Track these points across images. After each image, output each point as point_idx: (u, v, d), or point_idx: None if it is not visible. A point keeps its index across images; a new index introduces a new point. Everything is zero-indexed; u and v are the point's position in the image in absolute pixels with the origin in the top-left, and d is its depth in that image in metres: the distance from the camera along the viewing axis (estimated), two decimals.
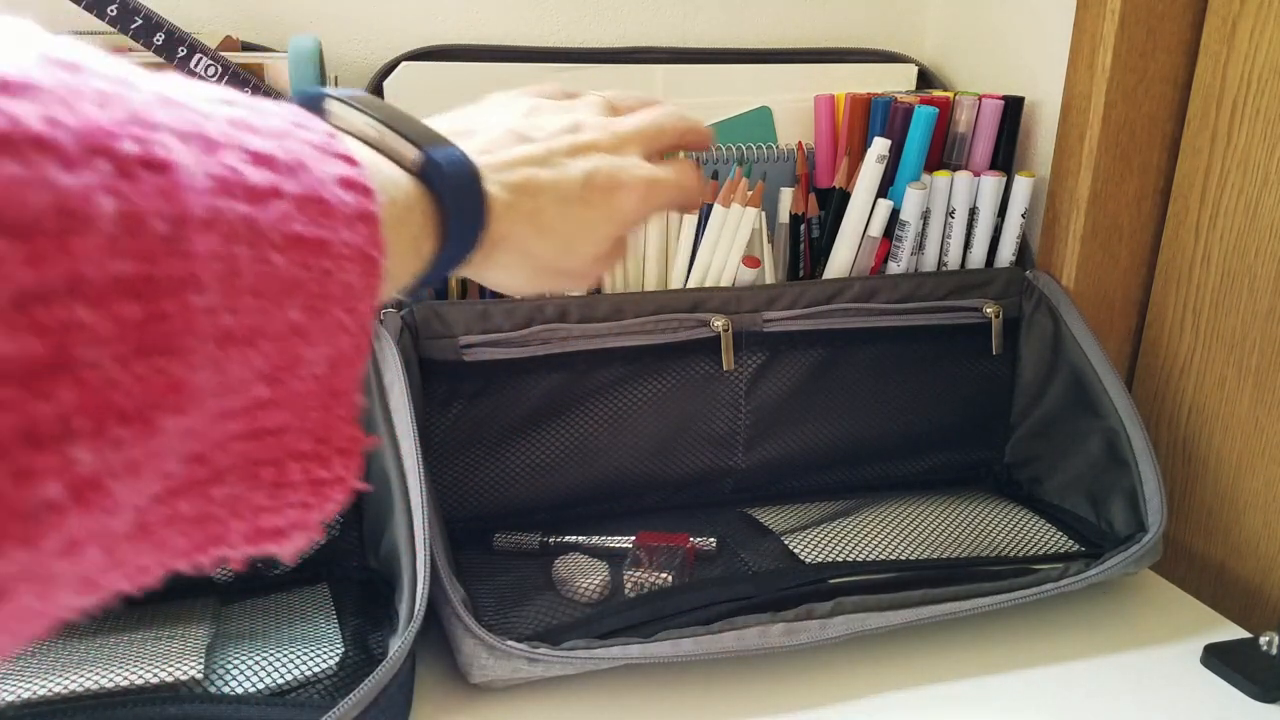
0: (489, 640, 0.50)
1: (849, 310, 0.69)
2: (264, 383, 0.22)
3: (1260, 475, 0.66)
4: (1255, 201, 0.65)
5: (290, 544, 0.26)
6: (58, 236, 0.17)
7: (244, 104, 0.24)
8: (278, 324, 0.22)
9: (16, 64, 0.17)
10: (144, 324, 0.18)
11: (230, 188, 0.21)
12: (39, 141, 0.17)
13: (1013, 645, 0.59)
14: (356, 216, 0.24)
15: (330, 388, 0.25)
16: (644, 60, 0.75)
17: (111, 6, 0.59)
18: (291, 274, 0.22)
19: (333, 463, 0.26)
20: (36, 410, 0.17)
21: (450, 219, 0.35)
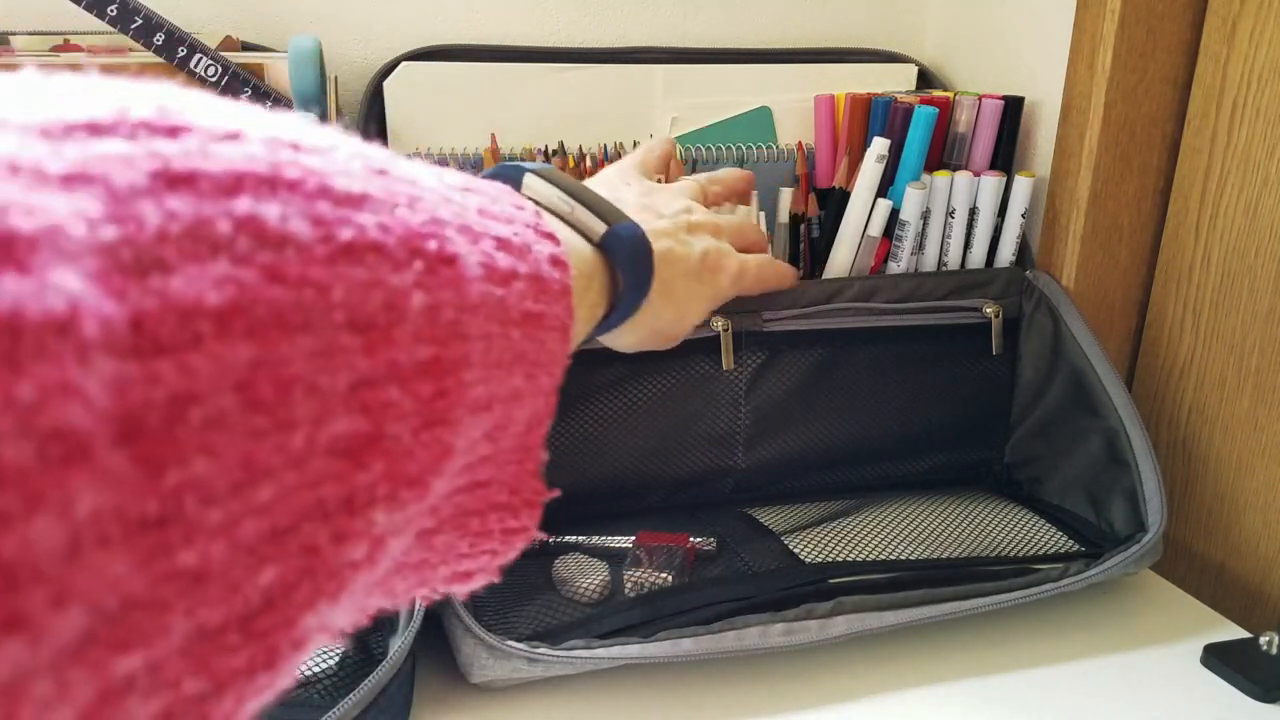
0: (489, 640, 0.50)
1: (849, 310, 0.69)
2: (487, 441, 0.25)
3: (1260, 475, 0.66)
4: (1255, 201, 0.65)
5: (473, 585, 0.28)
6: (385, 329, 0.19)
7: (479, 189, 0.26)
8: (506, 390, 0.24)
9: (353, 176, 0.20)
10: (433, 399, 0.21)
11: (491, 274, 0.23)
12: (377, 247, 0.19)
13: (1013, 645, 0.59)
14: (561, 291, 0.27)
15: (525, 444, 0.27)
16: (644, 60, 0.75)
17: (111, 6, 0.59)
18: (522, 347, 0.25)
19: (521, 513, 0.28)
20: (356, 480, 0.19)
21: (624, 288, 0.39)
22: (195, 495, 0.16)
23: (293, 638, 0.18)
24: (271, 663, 0.18)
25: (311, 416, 0.18)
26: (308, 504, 0.18)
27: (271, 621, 0.18)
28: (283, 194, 0.18)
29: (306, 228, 0.18)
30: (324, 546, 0.18)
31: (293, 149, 0.19)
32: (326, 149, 0.20)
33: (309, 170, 0.19)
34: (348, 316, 0.18)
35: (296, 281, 0.17)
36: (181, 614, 0.16)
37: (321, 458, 0.18)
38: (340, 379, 0.18)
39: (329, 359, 0.18)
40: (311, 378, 0.18)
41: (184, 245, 0.16)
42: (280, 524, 0.17)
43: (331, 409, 0.18)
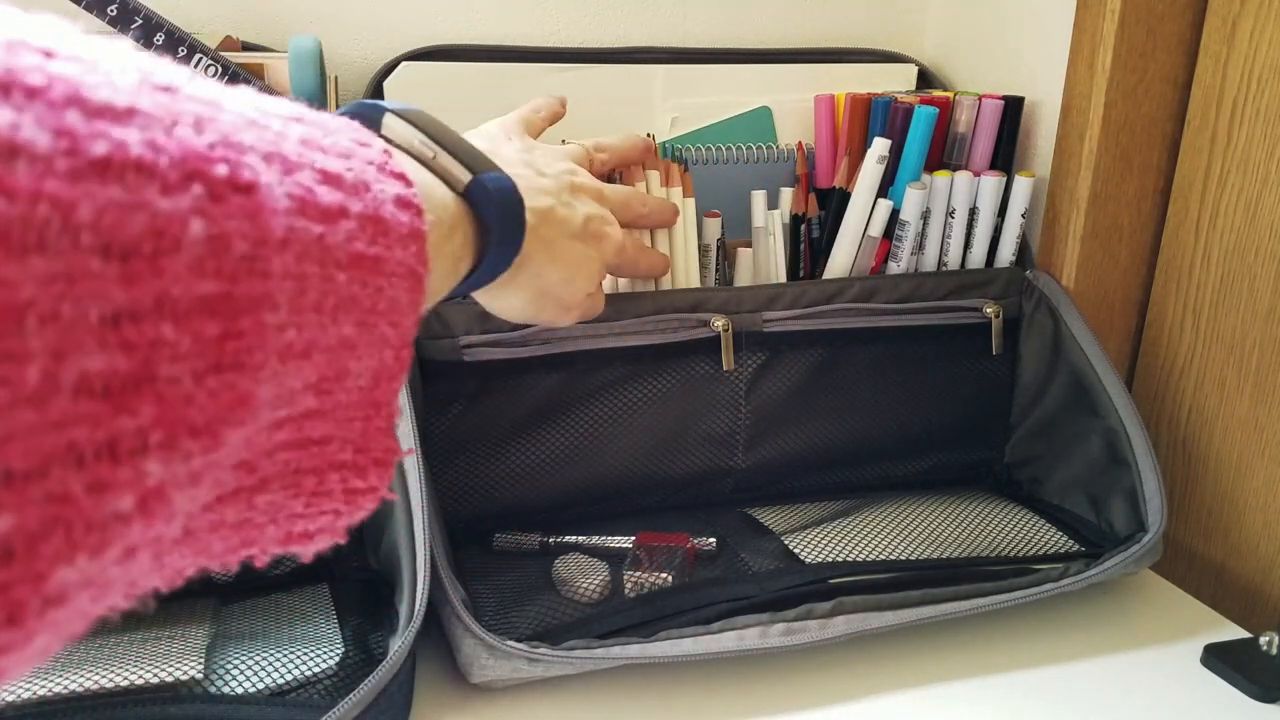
0: (489, 640, 0.50)
1: (849, 310, 0.69)
2: (312, 394, 0.23)
3: (1260, 475, 0.66)
4: (1255, 201, 0.65)
5: (315, 547, 0.26)
6: (151, 258, 0.17)
7: (312, 120, 0.24)
8: (331, 338, 0.23)
9: (119, 88, 0.18)
10: (221, 341, 0.19)
11: (305, 208, 0.21)
12: (140, 166, 0.17)
13: (1013, 645, 0.59)
14: (409, 235, 0.25)
15: (372, 399, 0.25)
16: (644, 60, 0.75)
17: (111, 6, 0.59)
18: (350, 291, 0.23)
19: (369, 472, 0.26)
20: (119, 425, 0.17)
21: (492, 240, 0.37)
22: None
23: (44, 592, 0.17)
24: (15, 618, 0.16)
25: (50, 349, 0.16)
26: (53, 447, 0.16)
27: (11, 574, 0.16)
28: (16, 99, 0.16)
29: (45, 138, 0.16)
30: (79, 495, 0.17)
31: (43, 54, 0.17)
32: (91, 59, 0.18)
33: (58, 77, 0.17)
34: (98, 240, 0.16)
35: (28, 196, 0.15)
36: None
37: (68, 396, 0.16)
38: (90, 309, 0.16)
39: (73, 286, 0.16)
40: (49, 305, 0.16)
41: None
42: (16, 467, 0.16)
43: (79, 342, 0.16)
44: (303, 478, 0.24)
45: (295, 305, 0.21)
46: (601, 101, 0.73)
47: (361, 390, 0.25)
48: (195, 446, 0.19)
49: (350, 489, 0.26)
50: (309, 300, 0.21)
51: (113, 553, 0.18)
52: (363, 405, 0.25)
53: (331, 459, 0.25)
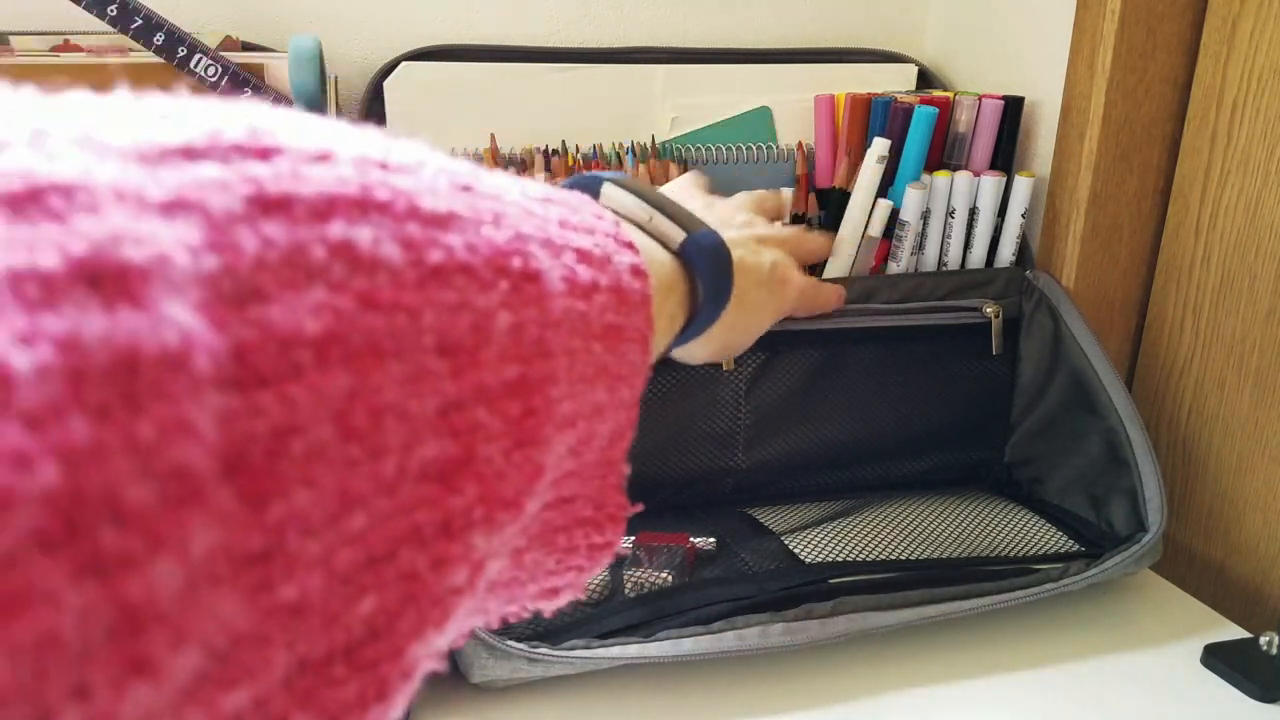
0: (489, 640, 0.50)
1: (848, 310, 0.69)
2: (571, 457, 0.24)
3: (1260, 475, 0.66)
4: (1255, 201, 0.65)
5: (560, 602, 0.27)
6: (472, 351, 0.19)
7: (559, 200, 0.26)
8: (588, 405, 0.24)
9: (439, 194, 0.19)
10: (522, 419, 0.20)
11: (573, 288, 0.23)
12: (465, 269, 0.19)
13: (1013, 645, 0.59)
14: (641, 301, 0.26)
15: (608, 458, 0.27)
16: (644, 60, 0.75)
17: (111, 6, 0.59)
18: (603, 360, 0.24)
19: (605, 528, 0.27)
20: (450, 504, 0.18)
21: (705, 297, 0.38)
22: (296, 527, 0.15)
23: (402, 667, 0.18)
24: (383, 694, 0.18)
25: (402, 443, 0.17)
26: (403, 530, 0.18)
27: (378, 652, 0.18)
28: (374, 216, 0.17)
29: (397, 251, 0.17)
30: (424, 573, 0.18)
31: (381, 169, 0.18)
32: (414, 167, 0.19)
33: (398, 191, 0.18)
34: (437, 340, 0.18)
35: (389, 307, 0.17)
36: (283, 647, 0.15)
37: (413, 483, 0.18)
38: (429, 403, 0.18)
39: (419, 384, 0.18)
40: (402, 404, 0.17)
41: (281, 272, 0.15)
42: (376, 552, 0.17)
43: (421, 434, 0.18)
44: (556, 535, 0.25)
45: (569, 378, 0.22)
46: (601, 101, 0.73)
47: (601, 450, 0.26)
48: (507, 517, 0.20)
49: (592, 544, 0.27)
50: (578, 372, 0.23)
51: (448, 625, 0.19)
52: (601, 465, 0.27)
53: (578, 516, 0.26)
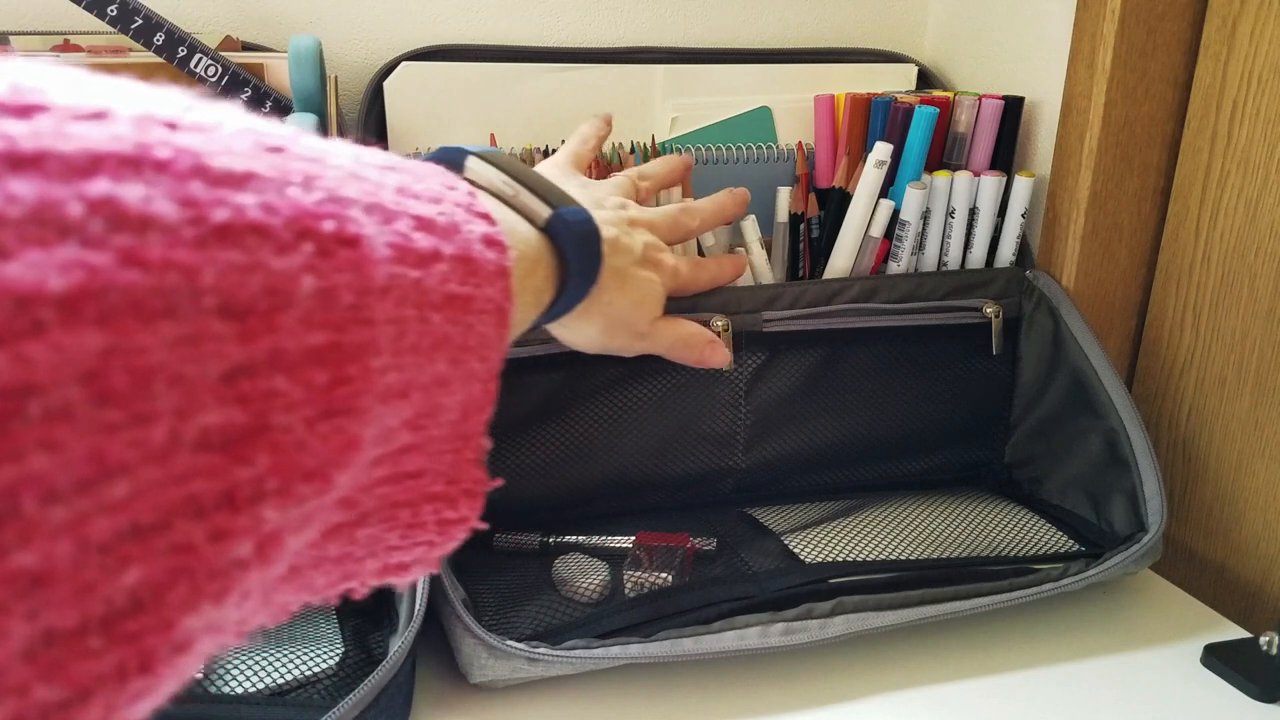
0: (489, 640, 0.50)
1: (849, 310, 0.69)
2: (409, 430, 0.24)
3: (1260, 475, 0.66)
4: (1255, 201, 0.65)
5: (411, 577, 0.27)
6: (266, 315, 0.18)
7: (404, 168, 0.25)
8: (427, 376, 0.23)
9: (237, 153, 0.19)
10: (330, 388, 0.20)
11: (404, 255, 0.22)
12: (257, 229, 0.18)
13: (1013, 645, 0.59)
14: (496, 272, 0.26)
15: (462, 432, 0.26)
16: (644, 60, 0.75)
17: (111, 6, 0.59)
18: (444, 330, 0.24)
19: (459, 503, 0.27)
20: (236, 475, 0.18)
21: (571, 272, 0.38)
22: (33, 492, 0.15)
23: (172, 640, 0.17)
24: (147, 667, 0.17)
25: (175, 408, 0.16)
26: (177, 500, 0.17)
27: (141, 624, 0.17)
28: (148, 174, 0.17)
29: (173, 209, 0.17)
30: (201, 545, 0.17)
31: (167, 127, 0.18)
32: (210, 126, 0.19)
33: (182, 149, 0.18)
34: (220, 302, 0.17)
35: (159, 265, 0.16)
36: (22, 617, 0.15)
37: (191, 451, 0.17)
38: (211, 368, 0.17)
39: (197, 347, 0.17)
40: (176, 367, 0.16)
41: (25, 229, 0.15)
42: (143, 521, 0.16)
43: (200, 400, 0.17)
44: (398, 511, 0.25)
45: (396, 348, 0.22)
46: (601, 101, 0.73)
47: (452, 424, 0.26)
48: (309, 490, 0.20)
49: (443, 520, 0.26)
50: (408, 342, 0.22)
51: (231, 598, 0.19)
52: (453, 438, 0.26)
53: (425, 491, 0.26)
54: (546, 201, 0.37)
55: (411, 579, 0.27)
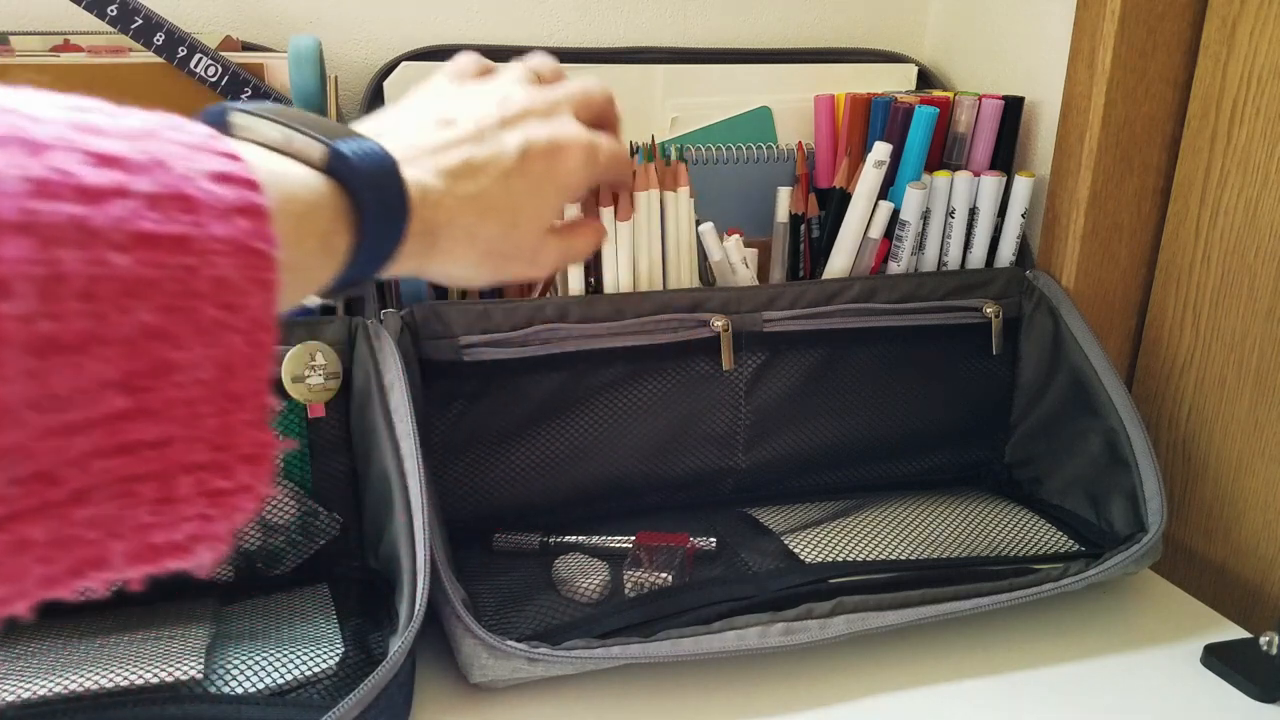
0: (489, 640, 0.50)
1: (849, 310, 0.69)
2: (119, 392, 0.22)
3: (1260, 475, 0.66)
4: (1255, 201, 0.65)
5: (196, 558, 0.25)
6: None
7: (99, 110, 0.23)
8: (123, 328, 0.21)
9: None
10: None
11: (54, 189, 0.20)
12: None
13: (1013, 645, 0.59)
14: (235, 210, 0.24)
15: (225, 392, 0.24)
16: (644, 60, 0.75)
17: (111, 6, 0.59)
18: (138, 274, 0.21)
19: (236, 471, 0.24)
20: None
21: (365, 211, 0.34)
22: None
23: None
24: None
25: None
26: None
27: None
28: None
29: None
30: None
31: None
32: None
33: None
34: None
35: None
36: None
37: None
38: None
39: None
40: None
41: None
42: None
43: None
44: (137, 485, 0.23)
45: (48, 294, 0.20)
46: None
47: (205, 384, 0.23)
48: None
49: (212, 490, 0.24)
50: (71, 288, 0.20)
51: None
52: (214, 399, 0.24)
53: (179, 461, 0.23)
54: (321, 140, 0.33)
55: (198, 559, 0.25)
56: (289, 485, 0.59)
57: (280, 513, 0.59)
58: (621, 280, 0.66)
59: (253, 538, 0.59)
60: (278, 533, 0.59)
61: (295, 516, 0.59)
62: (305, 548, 0.60)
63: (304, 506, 0.59)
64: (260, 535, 0.59)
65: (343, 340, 0.58)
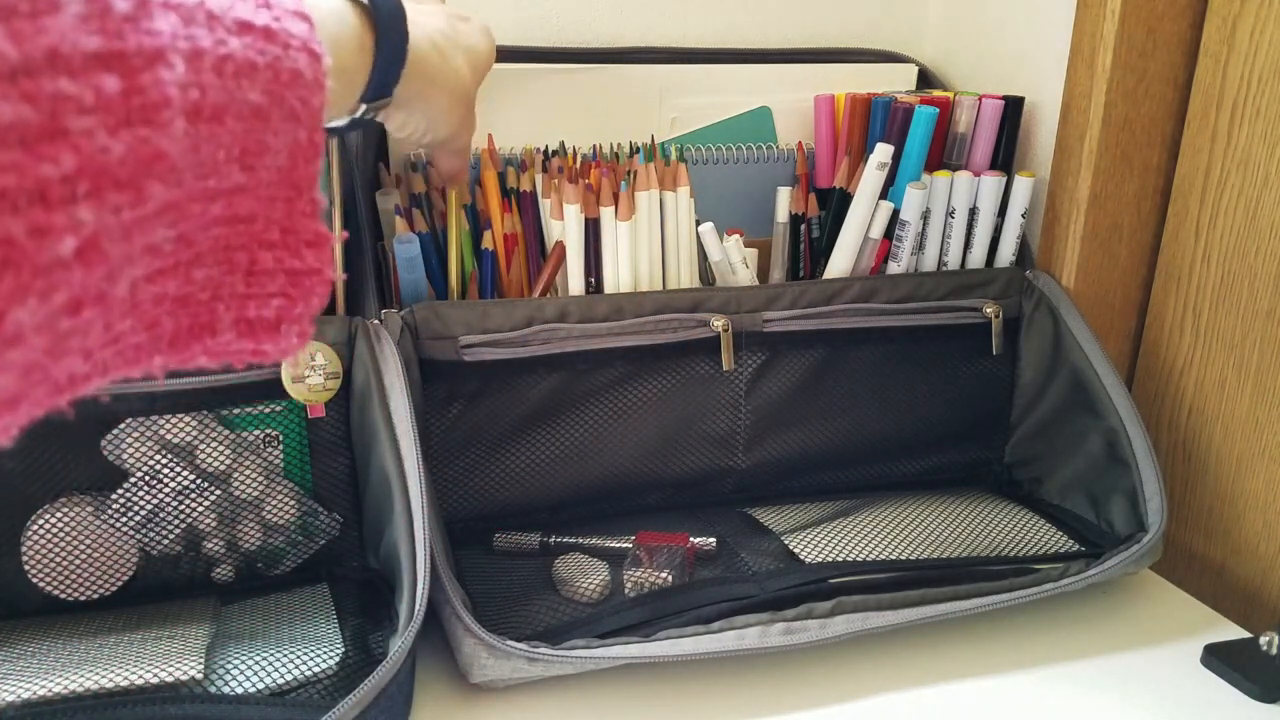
0: (489, 640, 0.50)
1: (849, 310, 0.69)
2: (238, 167, 0.24)
3: (1260, 475, 0.66)
4: (1255, 201, 0.65)
5: (283, 340, 0.28)
6: (31, 17, 0.18)
7: None
8: (241, 104, 0.24)
9: None
10: (124, 96, 0.20)
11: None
12: None
13: (1013, 645, 0.59)
14: (295, 13, 0.26)
15: (291, 180, 0.27)
16: (644, 60, 0.75)
17: None
18: (247, 56, 0.24)
19: (302, 252, 0.27)
20: (43, 172, 0.19)
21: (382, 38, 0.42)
22: None
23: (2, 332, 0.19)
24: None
25: None
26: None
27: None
28: None
29: None
30: (21, 238, 0.18)
31: None
32: None
33: None
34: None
35: None
36: None
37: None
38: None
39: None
40: None
41: None
42: None
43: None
44: (234, 253, 0.25)
45: (193, 66, 0.22)
46: (601, 101, 0.73)
47: (281, 170, 0.26)
48: (122, 199, 0.20)
49: (289, 269, 0.27)
50: (207, 62, 0.23)
51: (59, 298, 0.20)
52: (284, 185, 0.26)
53: (260, 237, 0.26)
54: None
55: (285, 342, 0.28)
56: (289, 485, 0.59)
57: (280, 513, 0.59)
58: (621, 280, 0.66)
59: (253, 538, 0.59)
60: (278, 533, 0.59)
61: (295, 516, 0.59)
62: (305, 548, 0.60)
63: (304, 506, 0.59)
64: (260, 535, 0.59)
65: (343, 340, 0.58)
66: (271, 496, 0.59)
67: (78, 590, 0.56)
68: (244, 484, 0.58)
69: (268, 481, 0.58)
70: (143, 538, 0.56)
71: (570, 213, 0.64)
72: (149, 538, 0.57)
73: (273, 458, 0.58)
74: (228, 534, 0.58)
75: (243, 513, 0.58)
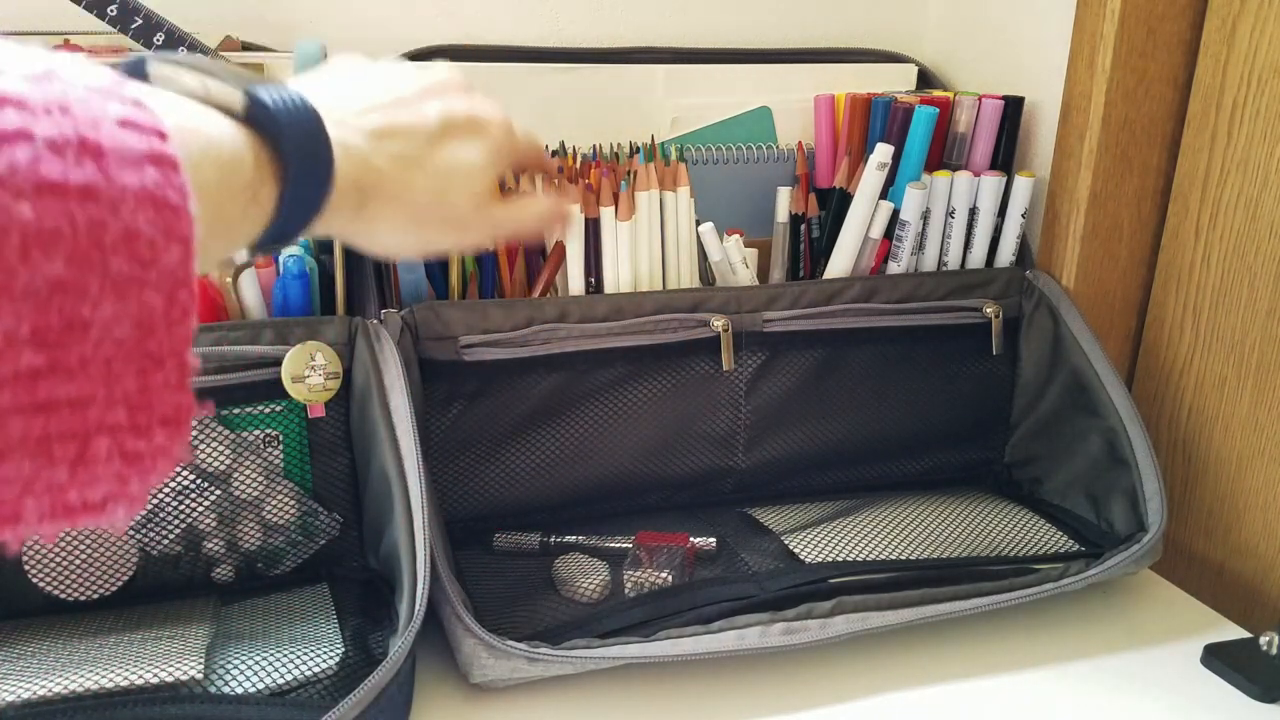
0: (489, 640, 0.50)
1: (849, 310, 0.69)
2: (31, 348, 0.21)
3: (1260, 475, 0.66)
4: (1255, 201, 0.65)
5: (110, 517, 0.24)
6: None
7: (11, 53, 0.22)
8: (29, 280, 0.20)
9: None
10: None
11: None
12: None
13: (1013, 645, 0.59)
14: (145, 159, 0.23)
15: (143, 351, 0.23)
16: (644, 60, 0.75)
17: (111, 6, 0.59)
18: (43, 224, 0.20)
19: (153, 433, 0.24)
20: None
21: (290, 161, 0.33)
22: None
23: None
24: None
25: None
26: None
27: None
28: None
29: None
30: None
31: None
32: None
33: None
34: None
35: None
36: None
37: None
38: None
39: None
40: None
41: None
42: None
43: None
44: (54, 445, 0.22)
45: None
46: (601, 101, 0.73)
47: (122, 342, 0.23)
48: None
49: (129, 452, 0.23)
50: None
51: None
52: (132, 359, 0.23)
53: (96, 421, 0.23)
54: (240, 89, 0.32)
55: (114, 518, 0.24)
56: (289, 485, 0.59)
57: (280, 513, 0.59)
58: (621, 280, 0.66)
59: (253, 538, 0.59)
60: (278, 533, 0.59)
61: (295, 516, 0.59)
62: (305, 548, 0.60)
63: (304, 506, 0.59)
64: (260, 535, 0.59)
65: (343, 340, 0.58)
66: (271, 496, 0.59)
67: (78, 590, 0.56)
68: (244, 484, 0.58)
69: (268, 481, 0.58)
70: (143, 538, 0.56)
71: (575, 213, 0.64)
72: (149, 538, 0.57)
73: (273, 458, 0.58)
74: (228, 534, 0.58)
75: (243, 513, 0.58)
